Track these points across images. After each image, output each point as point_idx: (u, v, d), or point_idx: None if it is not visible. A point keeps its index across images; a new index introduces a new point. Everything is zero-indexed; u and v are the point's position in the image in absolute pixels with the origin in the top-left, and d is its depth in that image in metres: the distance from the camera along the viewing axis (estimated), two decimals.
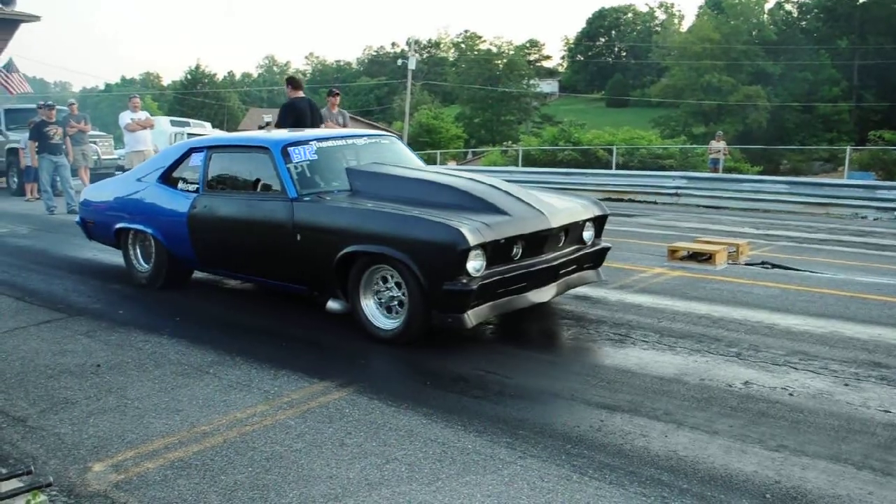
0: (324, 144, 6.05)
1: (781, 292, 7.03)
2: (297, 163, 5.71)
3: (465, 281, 4.68)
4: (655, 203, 18.12)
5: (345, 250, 5.10)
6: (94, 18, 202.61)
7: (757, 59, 59.43)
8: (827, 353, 5.04)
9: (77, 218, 7.85)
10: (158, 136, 24.92)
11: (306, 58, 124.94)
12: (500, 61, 68.88)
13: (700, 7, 75.37)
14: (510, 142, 45.96)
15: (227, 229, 6.05)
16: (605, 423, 3.86)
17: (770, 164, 38.74)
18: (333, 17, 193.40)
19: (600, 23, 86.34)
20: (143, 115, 14.61)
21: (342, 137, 6.44)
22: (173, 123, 25.29)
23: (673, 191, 18.55)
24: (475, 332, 5.24)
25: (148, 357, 4.97)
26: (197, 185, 6.31)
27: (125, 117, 14.29)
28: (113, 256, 8.21)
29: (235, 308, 6.53)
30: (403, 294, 5.00)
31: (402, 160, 6.52)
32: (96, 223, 7.40)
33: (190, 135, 23.18)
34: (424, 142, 48.45)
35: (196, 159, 6.40)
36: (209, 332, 5.58)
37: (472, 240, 4.60)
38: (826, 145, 42.85)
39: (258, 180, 5.95)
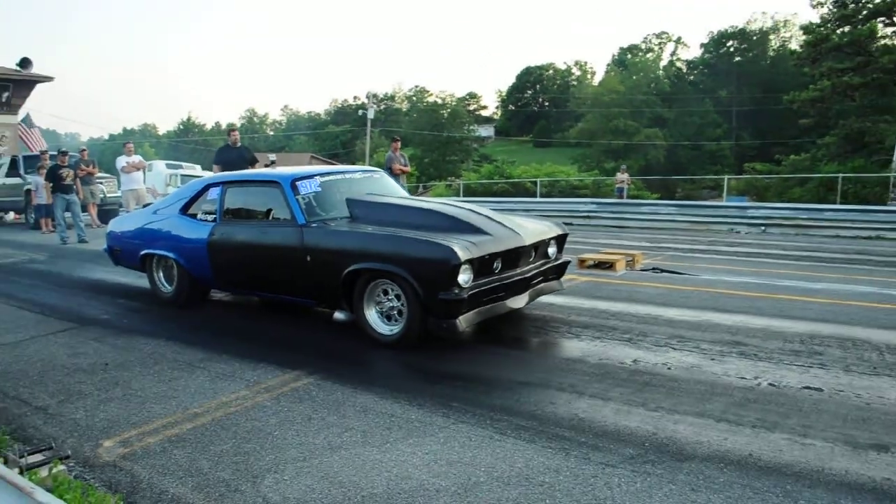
0: (326, 178, 5.97)
1: (667, 291, 7.30)
2: (304, 194, 5.64)
3: (457, 291, 4.65)
4: (571, 224, 18.24)
5: (350, 268, 5.02)
6: (99, 76, 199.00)
7: (655, 107, 60.73)
8: (699, 336, 5.28)
9: (104, 246, 7.60)
10: (156, 177, 24.64)
11: (281, 109, 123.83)
12: (445, 111, 69.03)
13: (608, 65, 76.98)
14: (454, 177, 46.23)
15: (243, 253, 5.93)
16: (522, 395, 4.04)
17: (667, 192, 39.44)
18: (304, 74, 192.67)
19: (527, 78, 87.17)
20: (136, 158, 14.49)
21: (341, 172, 6.36)
22: (168, 166, 25.13)
23: (585, 214, 18.86)
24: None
25: (148, 356, 5.01)
26: (215, 216, 6.20)
27: (121, 161, 14.22)
28: (119, 277, 8.20)
29: (222, 316, 6.56)
30: (402, 304, 4.94)
31: (391, 191, 6.45)
32: (123, 250, 7.19)
33: (183, 176, 23.02)
34: None
35: (213, 193, 6.30)
36: (200, 336, 5.63)
37: (463, 256, 4.58)
38: (712, 175, 43.87)
39: (270, 210, 5.84)
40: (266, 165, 7.36)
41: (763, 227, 16.22)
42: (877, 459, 3.14)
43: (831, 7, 29.68)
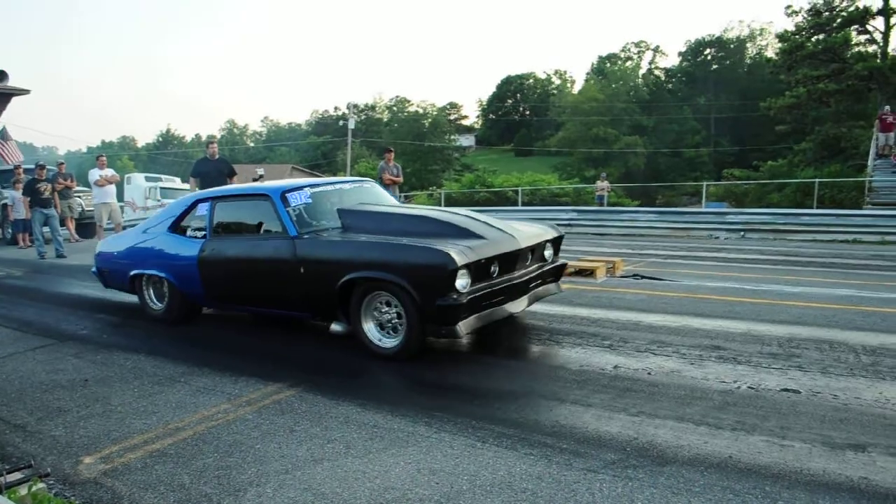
0: (316, 190, 5.90)
1: (647, 297, 7.34)
2: (294, 206, 5.56)
3: (455, 296, 4.56)
4: None
5: (345, 278, 4.92)
6: (76, 88, 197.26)
7: (634, 115, 61.29)
8: (679, 341, 5.32)
9: (93, 268, 7.38)
10: (135, 190, 24.43)
11: (262, 121, 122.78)
12: (426, 121, 68.99)
13: (587, 73, 77.51)
14: (435, 187, 46.27)
15: (235, 268, 5.80)
16: (504, 403, 4.05)
17: (647, 199, 39.63)
18: (284, 84, 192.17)
19: (507, 87, 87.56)
20: (108, 171, 14.38)
21: (331, 183, 6.26)
22: (148, 179, 25.00)
23: (566, 222, 18.90)
24: None
25: (129, 371, 4.97)
26: (204, 232, 6.09)
27: (94, 174, 14.13)
28: (97, 292, 8.11)
29: (204, 329, 6.49)
30: (400, 315, 4.85)
31: (382, 200, 6.39)
32: (111, 271, 6.96)
33: (163, 189, 22.87)
34: None
35: (202, 209, 6.18)
36: (181, 349, 5.59)
37: (459, 260, 4.51)
38: (692, 182, 44.26)
39: (261, 224, 5.75)
40: (254, 179, 7.35)
41: (742, 233, 16.39)
42: (854, 459, 3.19)
43: (806, 15, 30.20)
